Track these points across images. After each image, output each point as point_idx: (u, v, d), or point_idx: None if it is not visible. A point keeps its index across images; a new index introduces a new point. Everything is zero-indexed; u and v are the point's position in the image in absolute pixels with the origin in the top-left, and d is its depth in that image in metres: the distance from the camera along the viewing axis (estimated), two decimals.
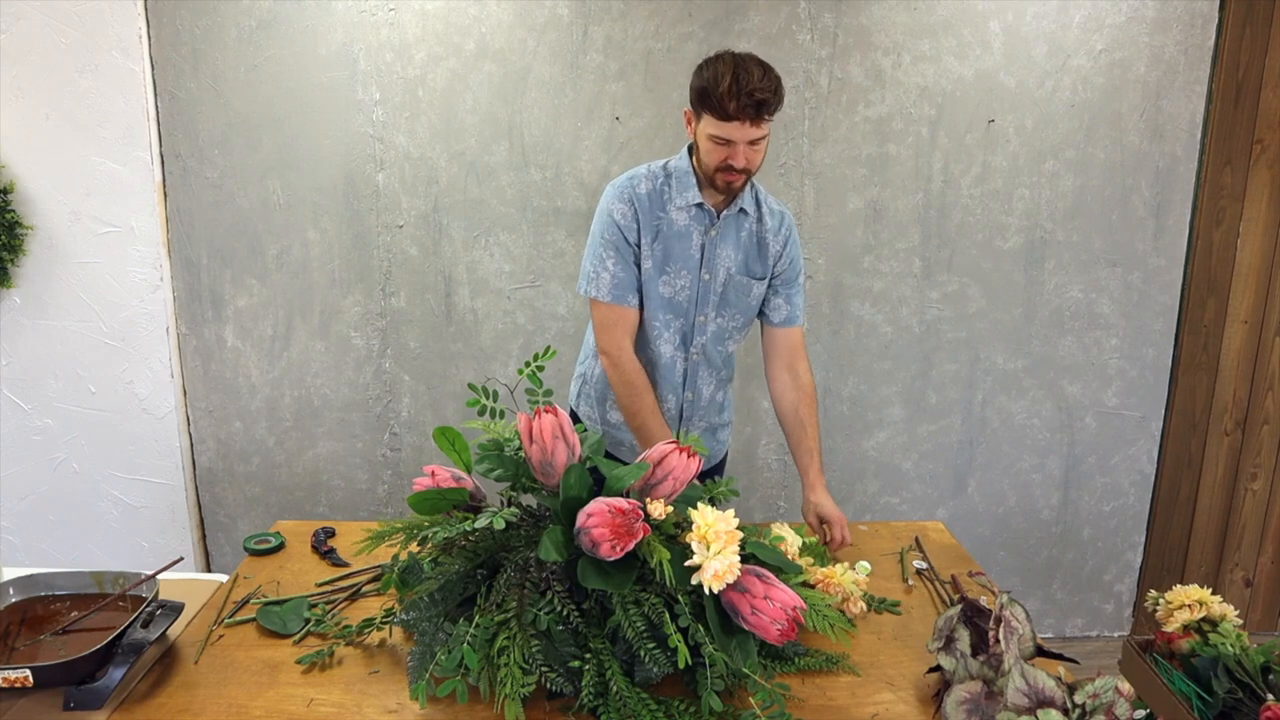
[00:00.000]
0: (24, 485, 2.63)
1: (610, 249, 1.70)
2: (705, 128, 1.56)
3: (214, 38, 2.40)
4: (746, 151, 1.56)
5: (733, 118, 1.51)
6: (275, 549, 1.64)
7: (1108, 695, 1.06)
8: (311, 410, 2.64)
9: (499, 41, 2.42)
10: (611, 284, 1.70)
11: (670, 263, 1.71)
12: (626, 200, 1.69)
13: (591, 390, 1.91)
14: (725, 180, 1.60)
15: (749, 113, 1.50)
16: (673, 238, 1.70)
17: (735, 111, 1.50)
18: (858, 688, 1.25)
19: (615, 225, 1.69)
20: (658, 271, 1.71)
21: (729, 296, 1.76)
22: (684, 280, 1.72)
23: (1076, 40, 2.48)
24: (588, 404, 1.92)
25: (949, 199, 2.57)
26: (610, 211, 1.70)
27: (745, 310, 1.80)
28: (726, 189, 1.63)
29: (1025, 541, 2.84)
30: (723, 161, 1.57)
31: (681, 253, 1.71)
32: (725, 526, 1.15)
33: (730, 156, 1.56)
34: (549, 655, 1.15)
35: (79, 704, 1.13)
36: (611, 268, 1.70)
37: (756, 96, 1.49)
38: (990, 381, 2.71)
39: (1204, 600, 1.34)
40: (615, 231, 1.69)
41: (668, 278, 1.72)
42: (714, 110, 1.52)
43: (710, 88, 1.51)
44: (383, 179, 2.49)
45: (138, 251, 2.49)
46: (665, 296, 1.73)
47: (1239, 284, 2.67)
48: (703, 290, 1.74)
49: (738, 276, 1.75)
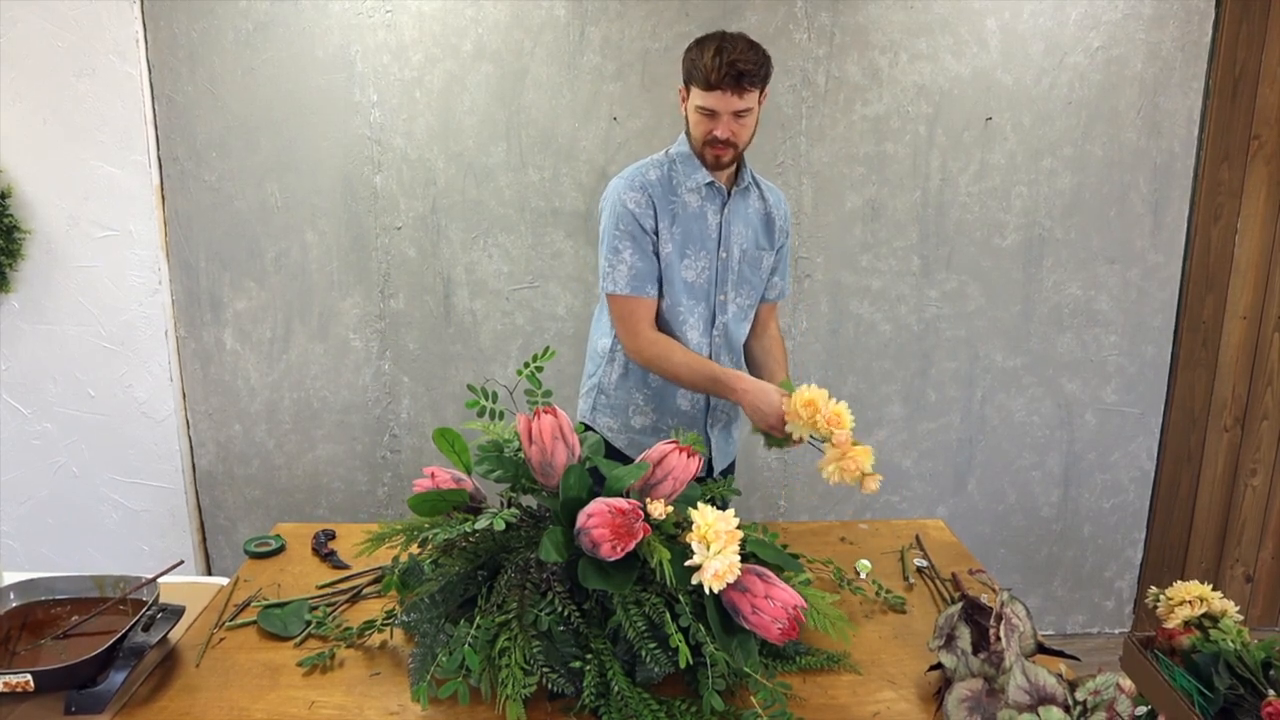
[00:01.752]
0: (24, 489, 2.63)
1: (626, 239, 1.69)
2: (693, 100, 1.63)
3: (211, 41, 2.40)
4: (730, 123, 1.61)
5: (714, 87, 1.57)
6: (276, 552, 1.64)
7: (1109, 692, 1.06)
8: (311, 412, 2.64)
9: (496, 42, 2.42)
10: (629, 275, 1.70)
11: (690, 245, 1.72)
12: (639, 188, 1.69)
13: (611, 400, 1.85)
14: (713, 154, 1.65)
15: (729, 82, 1.56)
16: (689, 219, 1.71)
17: (717, 81, 1.56)
18: (859, 686, 1.25)
19: (630, 214, 1.68)
20: (679, 256, 1.72)
21: (745, 273, 1.80)
22: (704, 262, 1.74)
23: (1073, 37, 2.48)
24: (608, 414, 1.86)
25: (947, 197, 2.58)
26: (623, 201, 1.69)
27: (757, 286, 1.84)
28: (715, 163, 1.67)
29: (1025, 539, 2.84)
30: (708, 133, 1.63)
31: (700, 234, 1.72)
32: (725, 526, 1.15)
33: (716, 128, 1.61)
34: (550, 656, 1.15)
35: (80, 708, 1.13)
36: (629, 258, 1.69)
37: (738, 66, 1.55)
38: (989, 379, 2.71)
39: (1204, 596, 1.35)
40: (630, 220, 1.68)
41: (689, 260, 1.73)
42: (699, 81, 1.59)
43: (696, 59, 1.59)
44: (381, 181, 2.49)
45: (136, 255, 2.49)
46: (688, 280, 1.73)
47: (1237, 279, 2.67)
48: (721, 269, 1.76)
49: (752, 251, 1.79)
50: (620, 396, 1.85)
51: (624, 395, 1.84)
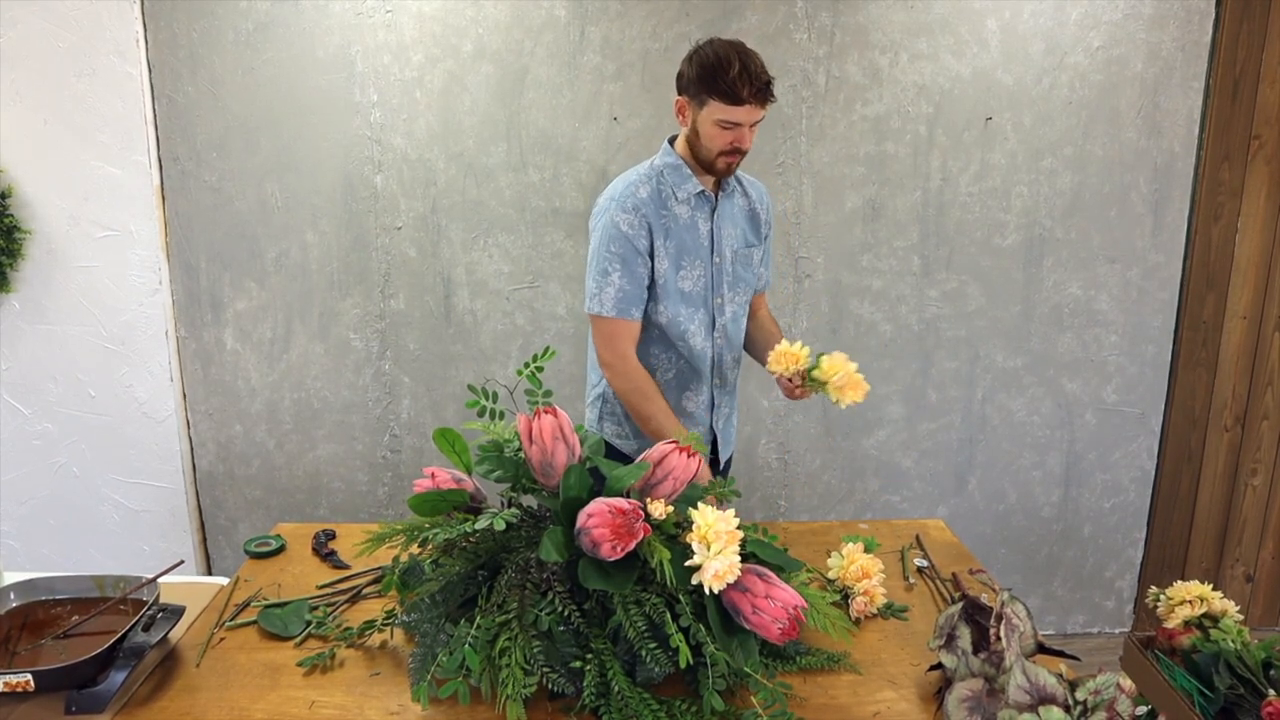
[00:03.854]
0: (24, 489, 2.63)
1: (616, 261, 1.68)
2: (712, 113, 1.60)
3: (211, 41, 2.40)
4: (750, 134, 1.63)
5: (745, 101, 1.57)
6: (276, 552, 1.64)
7: (1109, 692, 1.06)
8: (311, 413, 2.64)
9: (496, 43, 2.42)
10: (616, 298, 1.69)
11: (684, 256, 1.72)
12: (631, 209, 1.67)
13: (616, 407, 1.85)
14: (727, 162, 1.66)
15: (759, 96, 1.57)
16: (682, 231, 1.72)
17: (749, 95, 1.56)
18: (859, 686, 1.25)
19: (623, 237, 1.67)
20: (674, 269, 1.72)
21: (739, 272, 1.81)
22: (699, 270, 1.75)
23: (1074, 37, 2.48)
24: (614, 422, 1.86)
25: (947, 197, 2.58)
26: (616, 224, 1.67)
27: (750, 282, 1.86)
28: (727, 170, 1.68)
29: (1026, 539, 2.84)
30: (729, 145, 1.63)
31: (693, 244, 1.73)
32: (725, 526, 1.15)
33: (737, 139, 1.62)
34: (550, 656, 1.15)
35: (80, 708, 1.13)
36: (617, 281, 1.68)
37: (764, 79, 1.57)
38: (990, 379, 2.71)
39: (1205, 596, 1.35)
40: (623, 243, 1.67)
41: (685, 271, 1.73)
42: (724, 95, 1.57)
43: (719, 73, 1.56)
44: (381, 181, 2.49)
45: (136, 255, 2.49)
46: (685, 290, 1.74)
47: (1238, 279, 2.67)
48: (716, 274, 1.77)
49: (742, 250, 1.81)
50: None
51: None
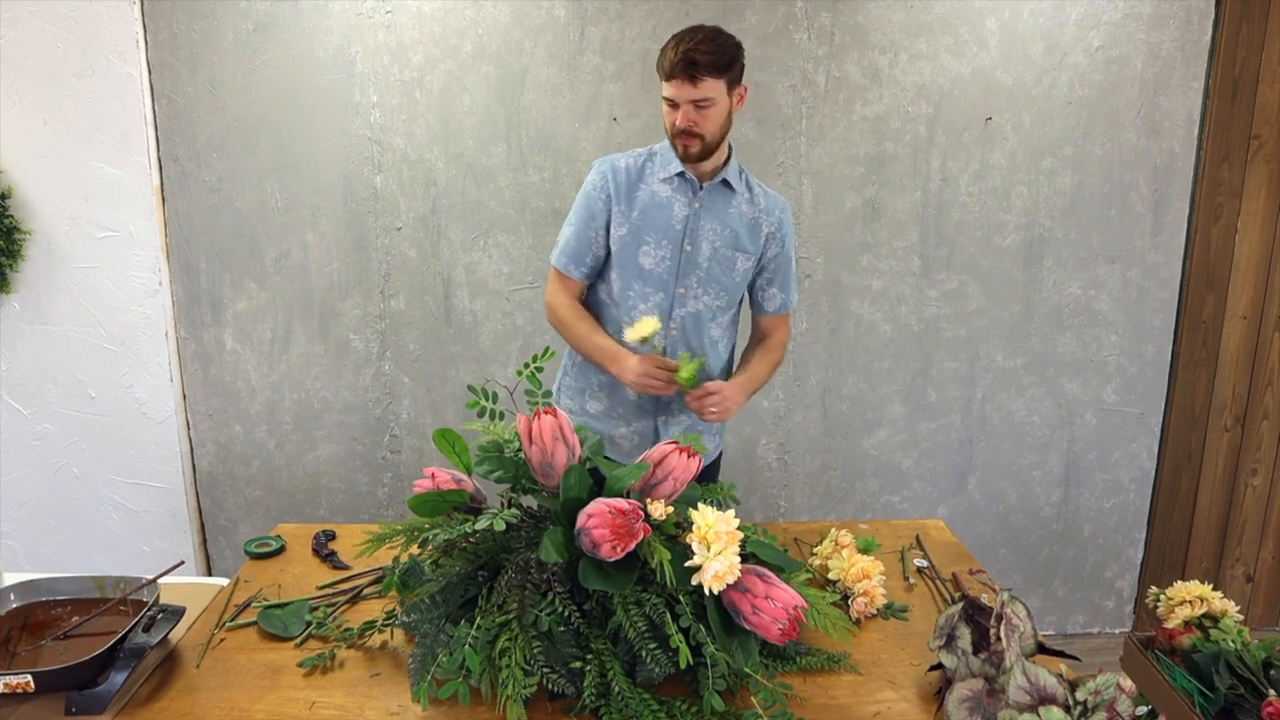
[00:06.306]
0: (24, 490, 2.63)
1: (575, 215, 1.78)
2: (661, 92, 1.67)
3: (211, 41, 2.40)
4: (689, 112, 1.62)
5: (670, 76, 1.61)
6: (276, 552, 1.64)
7: (1109, 692, 1.06)
8: (311, 413, 2.64)
9: (496, 43, 2.42)
10: (562, 248, 1.80)
11: (650, 232, 1.73)
12: (603, 171, 1.77)
13: (571, 380, 1.91)
14: (682, 145, 1.68)
15: (681, 70, 1.58)
16: (653, 208, 1.73)
17: (670, 69, 1.60)
18: (859, 686, 1.25)
19: (587, 193, 1.77)
20: (635, 240, 1.74)
21: (714, 271, 1.77)
22: (665, 251, 1.74)
23: (1073, 37, 2.48)
24: (568, 396, 1.92)
25: (947, 197, 2.58)
26: (589, 180, 1.78)
27: (729, 289, 1.80)
28: (685, 154, 1.69)
29: (1026, 539, 2.84)
30: (672, 124, 1.66)
31: (663, 222, 1.73)
32: (725, 527, 1.15)
33: (680, 119, 1.64)
34: (550, 656, 1.15)
35: (80, 709, 1.13)
36: (569, 234, 1.79)
37: (691, 56, 1.57)
38: (990, 379, 2.71)
39: (1205, 596, 1.35)
40: (585, 199, 1.77)
41: (648, 248, 1.74)
42: (661, 71, 1.64)
43: (662, 51, 1.63)
44: (381, 181, 2.49)
45: (136, 256, 2.49)
46: (645, 267, 1.75)
47: (1237, 279, 2.67)
48: (685, 262, 1.75)
49: (724, 251, 1.76)
50: (579, 380, 1.88)
51: (582, 379, 1.87)
